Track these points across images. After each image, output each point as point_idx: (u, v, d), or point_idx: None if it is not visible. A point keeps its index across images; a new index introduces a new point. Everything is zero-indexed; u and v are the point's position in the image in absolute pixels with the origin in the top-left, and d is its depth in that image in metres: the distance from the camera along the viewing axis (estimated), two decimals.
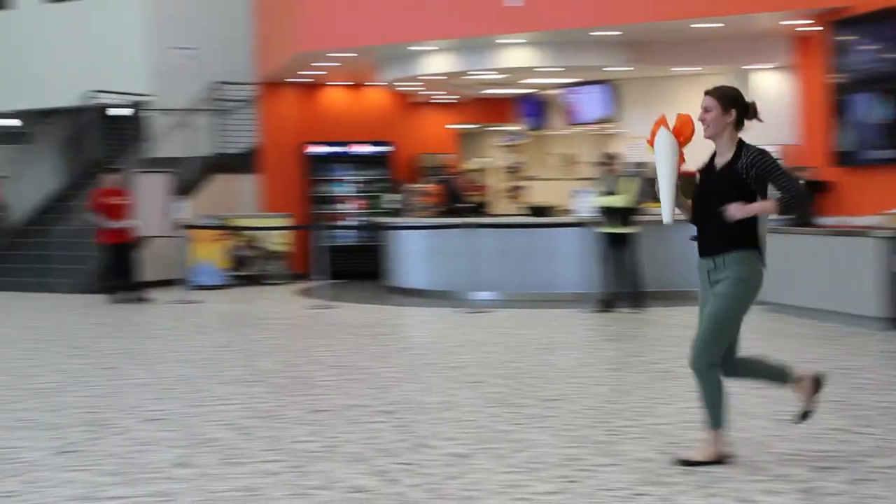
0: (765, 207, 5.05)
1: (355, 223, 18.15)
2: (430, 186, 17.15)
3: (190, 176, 17.15)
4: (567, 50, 14.65)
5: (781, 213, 5.32)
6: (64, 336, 11.06)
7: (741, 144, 5.06)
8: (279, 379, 8.14)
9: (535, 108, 18.53)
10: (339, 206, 18.61)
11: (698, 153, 5.26)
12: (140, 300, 14.06)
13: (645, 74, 15.82)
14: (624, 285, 11.78)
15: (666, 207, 5.08)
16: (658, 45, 14.54)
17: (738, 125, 5.10)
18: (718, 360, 5.05)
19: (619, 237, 11.71)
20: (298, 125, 18.61)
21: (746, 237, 5.03)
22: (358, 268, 17.27)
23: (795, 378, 5.18)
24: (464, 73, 15.56)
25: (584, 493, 4.73)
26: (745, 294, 5.03)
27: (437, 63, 15.35)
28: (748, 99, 5.12)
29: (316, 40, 15.38)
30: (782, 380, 5.22)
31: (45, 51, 19.61)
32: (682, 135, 5.06)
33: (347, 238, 18.03)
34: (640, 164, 13.14)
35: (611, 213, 11.73)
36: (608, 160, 12.05)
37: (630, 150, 13.93)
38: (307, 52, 15.72)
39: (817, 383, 5.21)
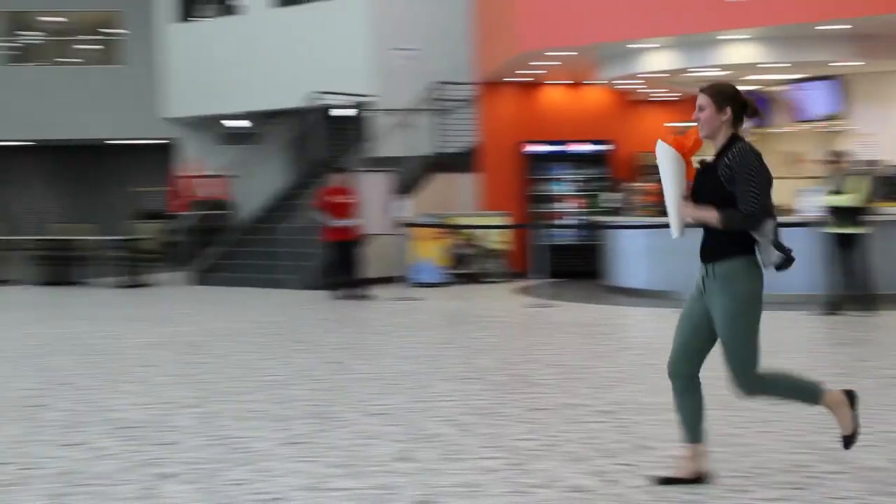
0: (707, 217, 4.66)
1: (574, 222, 18.08)
2: (650, 185, 16.92)
3: (410, 175, 17.45)
4: (792, 45, 14.21)
5: (723, 226, 4.63)
6: (290, 331, 11.41)
7: (731, 141, 4.73)
8: (498, 377, 8.17)
9: (759, 106, 18.03)
10: (557, 204, 18.58)
11: None
12: (362, 297, 14.39)
13: (876, 69, 15.16)
14: (853, 287, 11.33)
15: (673, 222, 4.81)
16: (890, 39, 13.91)
17: (736, 124, 4.78)
18: (757, 371, 4.68)
19: (847, 237, 11.27)
20: (517, 124, 18.68)
21: (737, 242, 4.66)
22: (576, 267, 17.19)
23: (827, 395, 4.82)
24: (684, 70, 15.27)
25: (811, 501, 4.56)
26: (744, 312, 4.65)
27: (657, 61, 15.15)
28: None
29: (536, 39, 15.40)
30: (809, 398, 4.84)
31: (272, 54, 20.36)
32: (683, 146, 4.81)
33: (565, 237, 17.99)
34: (870, 162, 12.61)
35: (839, 213, 11.30)
36: (836, 158, 11.59)
37: (860, 147, 13.38)
38: (527, 51, 15.76)
39: (850, 398, 4.85)
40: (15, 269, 19.13)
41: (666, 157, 4.82)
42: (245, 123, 22.88)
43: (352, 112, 19.45)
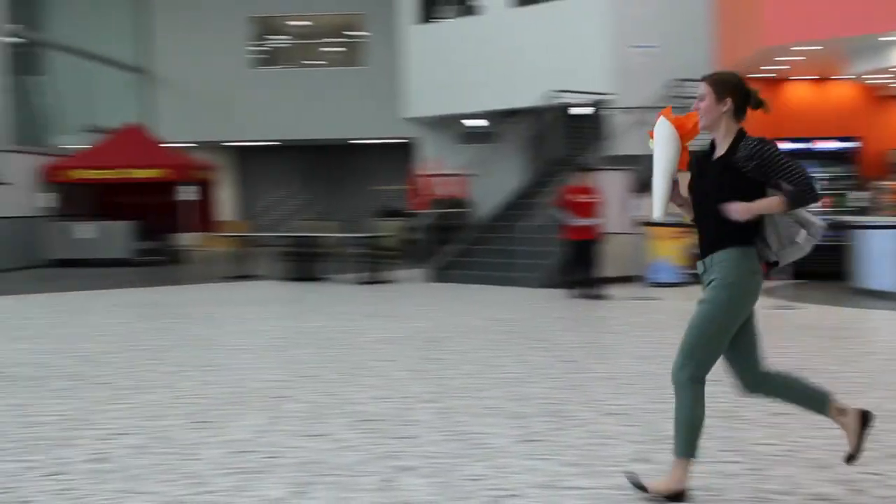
0: (771, 205, 4.44)
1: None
2: None
3: (648, 174, 17.18)
4: None
5: (790, 208, 4.44)
6: (527, 329, 11.45)
7: (740, 135, 4.54)
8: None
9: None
10: None
11: None
12: (599, 296, 14.32)
13: None
14: None
15: (657, 201, 4.61)
16: None
17: (738, 115, 4.60)
18: (704, 375, 4.52)
19: None
20: (760, 120, 18.04)
21: (738, 233, 4.46)
22: (821, 267, 16.55)
23: (835, 408, 4.66)
24: None
25: None
26: (731, 300, 4.45)
27: None
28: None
29: (780, 34, 14.95)
30: (818, 407, 4.67)
31: (510, 53, 20.50)
32: (683, 127, 4.62)
33: None
34: None
35: None
36: None
37: None
38: (771, 46, 15.31)
39: (864, 419, 4.66)
40: (262, 265, 19.97)
41: (663, 135, 4.68)
42: (483, 123, 23.14)
43: (589, 110, 19.37)
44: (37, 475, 5.40)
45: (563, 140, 19.08)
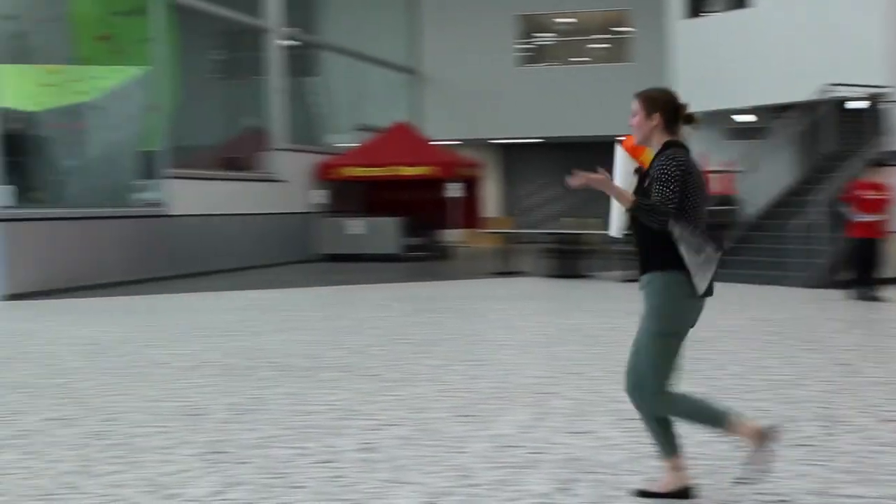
0: (622, 195, 4.54)
1: None
2: None
3: None
4: None
5: (630, 210, 4.50)
6: (797, 330, 11.05)
7: (664, 149, 4.60)
8: None
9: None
10: None
11: None
12: (876, 298, 13.64)
13: None
14: None
15: (612, 221, 4.99)
16: None
17: (668, 130, 4.65)
18: (658, 389, 4.56)
19: None
20: None
21: (668, 257, 4.48)
22: None
23: (735, 425, 4.58)
24: None
25: None
26: (662, 328, 4.52)
27: None
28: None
29: None
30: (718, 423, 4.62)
31: (781, 46, 19.80)
32: (636, 150, 4.70)
33: None
34: None
35: None
36: None
37: None
38: None
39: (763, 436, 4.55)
40: (526, 262, 20.10)
41: (617, 158, 5.19)
42: (751, 118, 22.50)
43: (866, 104, 18.48)
44: (308, 462, 5.60)
45: (836, 135, 18.28)
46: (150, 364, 9.02)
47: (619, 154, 5.08)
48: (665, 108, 4.69)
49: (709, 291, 4.59)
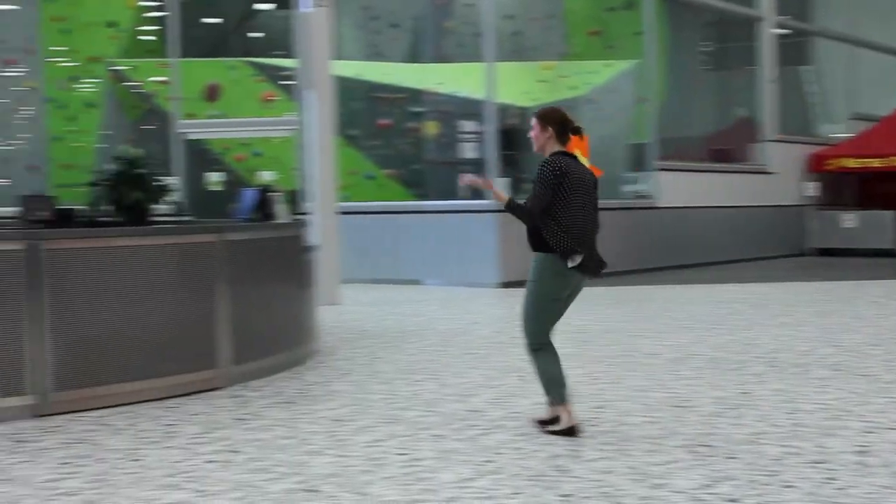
0: (498, 196, 6.09)
1: None
2: None
3: None
4: None
5: (506, 208, 5.97)
6: None
7: (550, 156, 5.82)
8: None
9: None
10: None
11: None
12: None
13: None
14: None
15: None
16: None
17: (560, 139, 5.87)
18: (543, 341, 6.01)
19: None
20: None
21: (542, 243, 5.91)
22: None
23: (563, 404, 5.93)
24: None
25: None
26: (538, 292, 5.95)
27: None
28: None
29: None
30: (554, 392, 5.98)
31: None
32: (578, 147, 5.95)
33: None
34: None
35: None
36: None
37: None
38: None
39: (572, 431, 5.88)
40: None
41: None
42: None
43: None
44: (799, 461, 5.37)
45: None
46: (639, 354, 9.08)
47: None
48: (555, 122, 5.89)
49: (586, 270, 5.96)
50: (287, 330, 8.51)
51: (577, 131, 5.97)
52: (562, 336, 10.10)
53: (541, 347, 6.03)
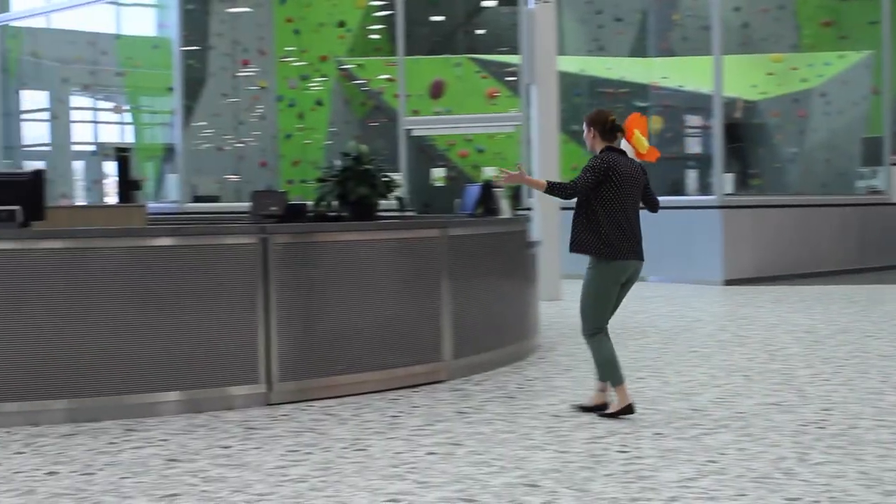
0: (534, 183, 6.65)
1: None
2: None
3: None
4: None
5: (547, 192, 6.43)
6: None
7: (601, 153, 6.37)
8: None
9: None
10: None
11: None
12: None
13: None
14: None
15: None
16: None
17: (604, 138, 6.43)
18: (599, 326, 6.42)
19: None
20: None
21: (581, 244, 6.44)
22: None
23: (619, 385, 6.40)
24: None
25: None
26: (592, 283, 6.45)
27: None
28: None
29: None
30: (610, 375, 6.43)
31: None
32: (629, 128, 6.46)
33: None
34: None
35: None
36: None
37: None
38: None
39: (629, 409, 6.39)
40: None
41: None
42: None
43: None
44: None
45: None
46: (873, 356, 8.71)
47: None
48: (597, 123, 6.44)
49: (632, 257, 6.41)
50: (508, 325, 8.56)
51: (617, 129, 6.44)
52: (788, 336, 9.84)
53: (596, 333, 6.42)
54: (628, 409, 6.40)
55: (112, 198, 18.93)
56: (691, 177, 17.25)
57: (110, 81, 22.45)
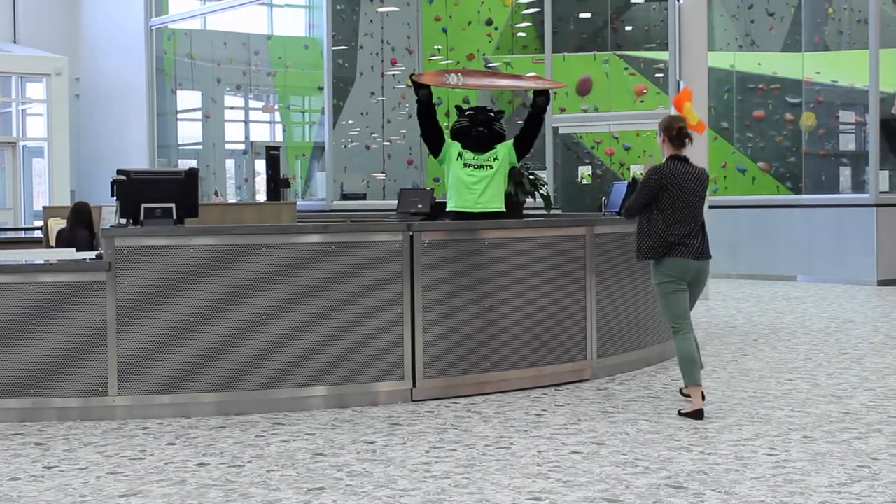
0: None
1: None
2: None
3: None
4: None
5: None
6: None
7: (664, 162, 6.64)
8: None
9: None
10: None
11: None
12: None
13: None
14: None
15: None
16: None
17: (673, 144, 6.64)
18: (678, 325, 6.57)
19: None
20: None
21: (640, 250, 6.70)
22: None
23: (693, 387, 6.47)
24: None
25: None
26: (657, 285, 6.66)
27: None
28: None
29: None
30: (686, 372, 6.51)
31: None
32: (679, 102, 7.07)
33: None
34: None
35: None
36: None
37: None
38: None
39: (698, 414, 6.38)
40: None
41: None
42: None
43: None
44: None
45: None
46: None
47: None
48: (665, 130, 6.65)
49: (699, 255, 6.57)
50: (654, 324, 8.45)
51: (685, 135, 6.64)
52: None
53: (677, 331, 6.57)
54: (698, 414, 6.40)
55: (262, 195, 19.37)
56: (845, 174, 16.78)
57: (262, 81, 22.99)
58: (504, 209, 7.95)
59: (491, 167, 7.83)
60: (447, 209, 8.00)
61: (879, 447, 5.62)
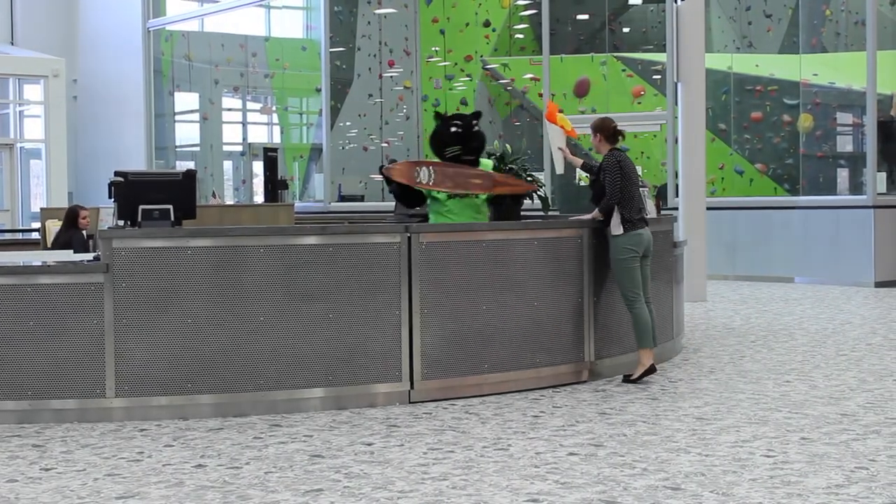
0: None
1: None
2: None
3: None
4: None
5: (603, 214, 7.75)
6: None
7: (608, 154, 7.77)
8: None
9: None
10: None
11: None
12: None
13: None
14: None
15: (556, 161, 8.60)
16: None
17: (609, 142, 7.82)
18: (632, 297, 7.61)
19: None
20: None
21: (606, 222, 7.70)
22: None
23: (647, 350, 7.62)
24: None
25: None
26: (615, 259, 7.63)
27: None
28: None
29: None
30: (644, 338, 7.63)
31: None
32: (552, 113, 8.49)
33: None
34: None
35: None
36: None
37: None
38: None
39: (651, 369, 7.61)
40: None
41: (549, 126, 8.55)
42: None
43: None
44: None
45: None
46: None
47: (546, 124, 8.11)
48: (601, 130, 7.80)
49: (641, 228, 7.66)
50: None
51: (620, 133, 7.85)
52: None
53: (632, 302, 7.58)
54: (651, 370, 7.62)
55: (260, 197, 19.38)
56: (842, 176, 16.79)
57: (259, 83, 23.00)
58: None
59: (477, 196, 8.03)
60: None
61: (877, 448, 5.62)
